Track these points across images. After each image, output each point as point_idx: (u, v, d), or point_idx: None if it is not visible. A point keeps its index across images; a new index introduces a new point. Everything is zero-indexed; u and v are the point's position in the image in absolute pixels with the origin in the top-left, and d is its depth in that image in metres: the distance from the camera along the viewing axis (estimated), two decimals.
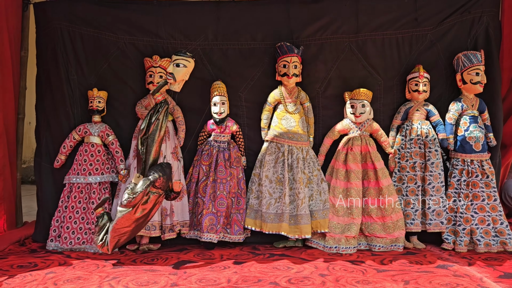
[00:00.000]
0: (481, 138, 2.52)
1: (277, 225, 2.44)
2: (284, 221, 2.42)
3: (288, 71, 2.53)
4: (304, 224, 2.42)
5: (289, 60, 2.53)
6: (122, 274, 2.00)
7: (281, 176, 2.51)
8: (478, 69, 2.51)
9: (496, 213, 2.48)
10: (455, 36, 2.66)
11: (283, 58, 2.54)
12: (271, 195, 2.49)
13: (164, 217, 2.46)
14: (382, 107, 2.67)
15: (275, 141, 2.56)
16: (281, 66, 2.55)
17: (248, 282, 1.89)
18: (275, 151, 2.55)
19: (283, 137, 2.53)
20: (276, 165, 2.53)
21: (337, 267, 2.11)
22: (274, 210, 2.47)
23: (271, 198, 2.49)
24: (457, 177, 2.53)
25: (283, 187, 2.48)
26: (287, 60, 2.53)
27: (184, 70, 2.31)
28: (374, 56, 2.67)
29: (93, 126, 2.57)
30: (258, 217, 2.51)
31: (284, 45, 2.55)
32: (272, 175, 2.52)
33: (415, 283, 1.86)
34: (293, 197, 2.49)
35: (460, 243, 2.43)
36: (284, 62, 2.54)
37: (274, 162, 2.54)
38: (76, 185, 2.50)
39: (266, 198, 2.49)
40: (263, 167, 2.53)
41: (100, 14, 2.66)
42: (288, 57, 2.53)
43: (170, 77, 2.27)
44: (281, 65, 2.55)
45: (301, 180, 2.46)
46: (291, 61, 2.53)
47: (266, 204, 2.49)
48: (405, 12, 2.65)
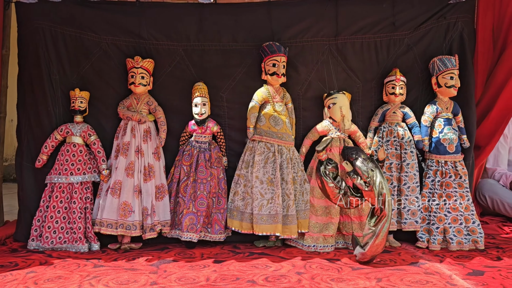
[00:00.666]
0: (455, 140, 2.61)
1: (272, 226, 2.46)
2: (278, 222, 2.45)
3: (278, 70, 2.56)
4: (293, 224, 2.48)
5: (279, 59, 2.57)
6: (102, 273, 2.03)
7: (272, 177, 2.53)
8: (453, 73, 2.59)
9: (468, 212, 2.57)
10: (431, 40, 2.74)
11: (272, 57, 2.57)
12: (263, 196, 2.51)
13: (145, 216, 2.49)
14: (361, 109, 2.74)
15: (264, 141, 2.58)
16: (270, 65, 2.57)
17: (226, 280, 1.93)
18: (264, 151, 2.58)
19: (273, 137, 2.56)
20: (267, 165, 2.55)
21: (313, 266, 2.17)
22: (267, 211, 2.49)
23: (263, 199, 2.50)
24: (431, 177, 2.61)
25: (275, 187, 2.50)
26: (277, 59, 2.57)
27: (337, 106, 2.57)
28: (353, 59, 2.73)
29: (75, 126, 2.58)
30: (245, 219, 2.53)
31: (274, 45, 2.59)
32: (262, 176, 2.54)
33: (387, 280, 1.93)
34: (284, 197, 2.52)
35: (434, 241, 2.52)
36: (273, 61, 2.57)
37: (264, 162, 2.56)
38: (58, 184, 2.51)
39: (258, 199, 2.50)
40: (252, 167, 2.54)
41: (82, 15, 2.67)
42: (278, 56, 2.57)
43: (333, 122, 2.59)
44: (269, 64, 2.58)
45: (291, 181, 2.51)
46: (280, 61, 2.57)
47: (258, 205, 2.49)
48: (384, 17, 2.71)
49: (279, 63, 2.57)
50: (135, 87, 2.58)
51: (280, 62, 2.57)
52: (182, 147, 2.68)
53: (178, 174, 2.61)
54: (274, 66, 2.57)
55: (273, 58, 2.57)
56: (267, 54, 2.59)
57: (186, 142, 2.68)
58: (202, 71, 2.72)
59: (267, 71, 2.59)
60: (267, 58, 2.59)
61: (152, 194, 2.52)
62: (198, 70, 2.72)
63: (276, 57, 2.57)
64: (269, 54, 2.59)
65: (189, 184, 2.54)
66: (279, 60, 2.57)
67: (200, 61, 2.73)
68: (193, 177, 2.55)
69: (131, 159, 2.52)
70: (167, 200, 2.57)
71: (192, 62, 2.72)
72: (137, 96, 2.63)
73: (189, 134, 2.68)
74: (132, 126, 2.57)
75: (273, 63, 2.57)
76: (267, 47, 2.60)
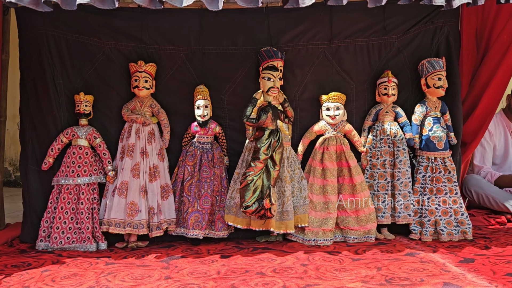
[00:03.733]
0: (443, 137, 2.77)
1: (267, 222, 2.59)
2: (272, 218, 2.58)
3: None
4: (289, 219, 2.59)
5: (276, 64, 2.68)
6: (116, 270, 2.11)
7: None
8: (440, 75, 2.75)
9: (457, 205, 2.73)
10: (420, 44, 2.89)
11: (269, 62, 2.67)
12: None
13: (151, 215, 2.58)
14: (355, 109, 2.88)
15: None
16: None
17: (236, 273, 2.04)
18: None
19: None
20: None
21: (316, 258, 2.29)
22: None
23: None
24: (422, 173, 2.77)
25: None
26: (274, 64, 2.68)
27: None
28: (347, 62, 2.86)
29: (80, 129, 2.65)
30: (240, 214, 2.63)
31: (271, 50, 2.70)
32: None
33: (386, 269, 2.07)
34: (279, 195, 2.64)
35: (426, 233, 2.67)
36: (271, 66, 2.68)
37: None
38: (65, 186, 2.58)
39: None
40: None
41: (85, 20, 2.73)
42: (275, 61, 2.68)
43: (278, 90, 2.62)
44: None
45: (286, 179, 2.63)
46: (278, 65, 2.69)
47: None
48: (375, 22, 2.85)
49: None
50: (138, 90, 2.66)
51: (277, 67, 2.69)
52: (185, 148, 2.77)
53: (182, 174, 2.70)
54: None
55: (271, 63, 2.67)
56: (265, 59, 2.70)
57: (189, 143, 2.77)
58: (203, 74, 2.82)
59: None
60: (265, 63, 2.69)
61: (157, 193, 2.61)
62: (199, 73, 2.82)
63: (273, 62, 2.67)
64: (266, 59, 2.69)
65: (193, 184, 2.64)
66: (276, 65, 2.68)
67: (201, 65, 2.82)
68: (197, 177, 2.65)
69: (136, 160, 2.60)
70: (172, 199, 2.66)
71: (193, 66, 2.82)
72: (140, 99, 2.71)
73: (191, 135, 2.77)
74: (137, 128, 2.66)
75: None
76: (265, 52, 2.71)
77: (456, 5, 2.20)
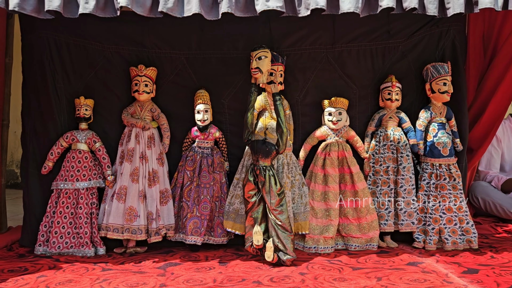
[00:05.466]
0: (448, 144, 2.71)
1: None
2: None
3: (275, 79, 2.64)
4: None
5: (276, 68, 2.65)
6: (112, 276, 2.09)
7: None
8: (446, 79, 2.69)
9: (462, 213, 2.67)
10: (425, 48, 2.84)
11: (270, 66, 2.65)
12: None
13: (150, 221, 2.56)
14: (358, 114, 2.83)
15: None
16: (268, 74, 2.65)
17: (232, 281, 2.01)
18: None
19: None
20: None
21: (315, 266, 2.25)
22: None
23: None
24: (426, 180, 2.71)
25: None
26: (274, 69, 2.64)
27: (267, 60, 2.46)
28: (350, 66, 2.82)
29: (80, 133, 2.64)
30: (238, 221, 2.60)
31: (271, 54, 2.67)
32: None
33: (387, 279, 2.02)
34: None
35: (430, 241, 2.61)
36: (271, 70, 2.64)
37: None
38: (64, 190, 2.57)
39: None
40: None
41: (85, 24, 2.72)
42: (275, 66, 2.65)
43: (256, 71, 2.40)
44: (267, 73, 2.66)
45: (286, 185, 2.59)
46: (278, 70, 2.65)
47: None
48: (379, 25, 2.80)
49: (276, 72, 2.65)
50: (139, 94, 2.65)
51: (277, 71, 2.65)
52: (185, 153, 2.74)
53: (182, 179, 2.68)
54: (271, 75, 2.65)
55: (271, 68, 2.65)
56: None
57: (189, 147, 2.75)
58: (203, 78, 2.80)
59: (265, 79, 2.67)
60: None
61: (156, 198, 2.59)
62: (199, 77, 2.80)
63: (274, 66, 2.64)
64: None
65: (193, 189, 2.61)
66: (276, 69, 2.65)
67: (202, 69, 2.80)
68: (197, 182, 2.62)
69: (135, 165, 2.59)
70: (171, 204, 2.63)
71: (194, 70, 2.80)
72: (140, 104, 2.69)
73: (191, 140, 2.75)
74: (136, 132, 2.64)
75: (271, 72, 2.65)
76: None
77: (450, 14, 2.19)
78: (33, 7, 2.01)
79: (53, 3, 1.98)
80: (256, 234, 2.31)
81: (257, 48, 2.49)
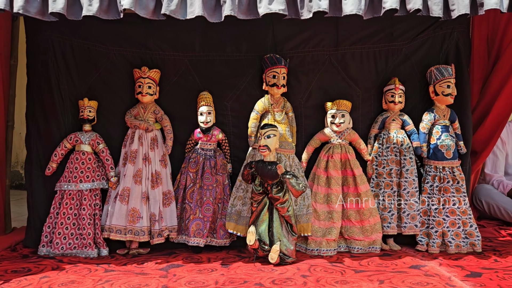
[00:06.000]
0: (452, 146, 2.70)
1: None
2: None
3: (278, 82, 2.65)
4: None
5: (279, 71, 2.65)
6: (114, 278, 2.09)
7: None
8: (449, 82, 2.68)
9: (466, 216, 2.65)
10: (428, 50, 2.83)
11: (272, 69, 2.65)
12: None
13: (153, 222, 2.56)
14: (361, 116, 2.83)
15: None
16: (270, 76, 2.66)
17: (234, 283, 2.01)
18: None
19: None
20: None
21: (318, 269, 2.24)
22: None
23: None
24: (430, 182, 2.69)
25: None
26: (277, 71, 2.65)
27: (275, 139, 2.45)
28: (353, 68, 2.82)
29: (83, 135, 2.65)
30: (240, 222, 2.61)
31: (274, 57, 2.67)
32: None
33: (389, 283, 2.01)
34: None
35: (433, 244, 2.60)
36: (273, 72, 2.66)
37: None
38: (68, 192, 2.58)
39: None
40: None
41: (90, 26, 2.73)
42: (278, 68, 2.65)
43: (265, 149, 2.41)
44: (270, 76, 2.66)
45: None
46: (280, 72, 2.66)
47: None
48: (382, 28, 2.80)
49: (279, 75, 2.65)
50: (142, 96, 2.66)
51: (280, 74, 2.66)
52: (188, 155, 2.75)
53: (184, 181, 2.68)
54: (274, 78, 2.65)
55: (273, 70, 2.65)
56: (268, 66, 2.68)
57: (192, 149, 2.75)
58: (206, 80, 2.80)
59: (268, 82, 2.68)
60: (268, 70, 2.67)
61: (159, 200, 2.59)
62: (203, 79, 2.80)
63: (276, 68, 2.65)
64: (269, 66, 2.67)
65: (196, 191, 2.62)
66: (279, 71, 2.65)
67: (205, 71, 2.81)
68: (199, 184, 2.63)
69: (138, 167, 2.59)
70: (174, 206, 2.64)
71: (197, 72, 2.80)
72: (144, 105, 2.70)
73: (194, 142, 2.75)
74: (140, 134, 2.65)
75: (273, 75, 2.65)
76: (268, 59, 2.68)
77: (455, 16, 2.15)
78: (37, 9, 2.03)
79: (57, 5, 2.00)
80: (250, 234, 2.33)
81: (265, 127, 2.47)
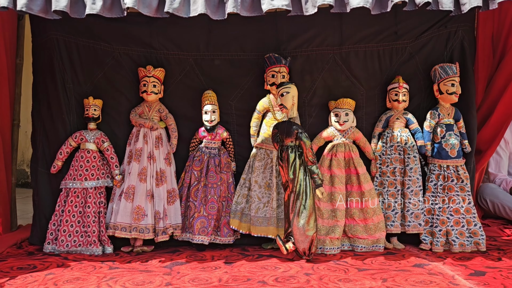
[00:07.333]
0: (456, 145, 2.69)
1: (265, 228, 2.58)
2: (271, 225, 2.58)
3: (277, 81, 2.66)
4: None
5: (278, 70, 2.66)
6: (118, 275, 2.11)
7: (269, 182, 2.64)
8: (454, 80, 2.67)
9: (470, 215, 2.65)
10: (433, 49, 2.82)
11: (271, 68, 2.67)
12: (260, 199, 2.63)
13: (157, 220, 2.58)
14: (365, 115, 2.82)
15: (264, 148, 2.69)
16: (270, 76, 2.68)
17: (237, 281, 2.02)
18: (264, 157, 2.69)
19: (272, 144, 2.65)
20: (265, 170, 2.66)
21: (321, 267, 2.25)
22: (262, 214, 2.61)
23: (260, 202, 2.63)
24: (434, 181, 2.69)
25: (271, 192, 2.62)
26: (276, 70, 2.67)
27: (289, 96, 2.45)
28: (357, 67, 2.81)
29: (88, 133, 2.67)
30: (247, 221, 2.64)
31: (273, 56, 2.68)
32: (261, 181, 2.65)
33: (392, 281, 2.01)
34: (280, 202, 2.62)
35: (437, 243, 2.60)
36: (272, 72, 2.67)
37: (263, 168, 2.67)
38: (73, 189, 2.60)
39: (255, 202, 2.62)
40: (252, 172, 2.66)
41: (95, 25, 2.76)
42: (276, 68, 2.67)
43: (281, 107, 2.43)
44: (269, 75, 2.68)
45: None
46: (280, 71, 2.67)
47: (255, 208, 2.62)
48: (386, 26, 2.79)
49: (277, 74, 2.66)
50: (147, 95, 2.67)
51: (279, 73, 2.66)
52: (192, 153, 2.76)
53: (189, 179, 2.70)
54: (273, 77, 2.66)
55: (272, 70, 2.66)
56: (268, 66, 2.69)
57: (196, 148, 2.76)
58: (211, 79, 2.82)
59: (268, 81, 2.69)
60: (268, 70, 2.69)
61: (164, 198, 2.61)
62: (207, 78, 2.82)
63: (275, 68, 2.66)
64: (269, 65, 2.68)
65: (200, 189, 2.63)
66: (277, 71, 2.66)
67: (209, 70, 2.82)
68: (204, 182, 2.64)
69: (143, 165, 2.61)
70: (178, 204, 2.66)
71: (201, 71, 2.82)
72: (148, 104, 2.72)
73: (199, 140, 2.77)
74: (144, 133, 2.66)
75: (272, 74, 2.67)
76: (267, 59, 2.70)
77: (466, 10, 2.08)
78: (40, 7, 2.04)
79: (60, 4, 2.01)
80: (280, 246, 2.37)
81: (280, 85, 2.49)
